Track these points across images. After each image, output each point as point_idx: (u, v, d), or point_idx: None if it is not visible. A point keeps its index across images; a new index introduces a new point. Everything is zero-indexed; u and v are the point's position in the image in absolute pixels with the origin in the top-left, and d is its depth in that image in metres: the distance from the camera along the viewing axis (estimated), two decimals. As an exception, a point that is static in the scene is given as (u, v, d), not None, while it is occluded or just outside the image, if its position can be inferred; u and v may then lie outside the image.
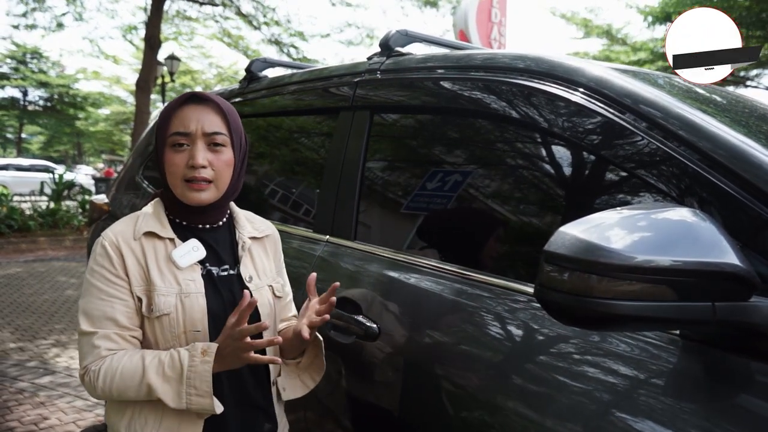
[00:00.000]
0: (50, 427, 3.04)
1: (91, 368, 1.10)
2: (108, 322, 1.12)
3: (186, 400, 1.07)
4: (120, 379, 1.08)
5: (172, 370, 1.08)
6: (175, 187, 1.18)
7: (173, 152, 1.17)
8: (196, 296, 1.15)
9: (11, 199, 10.52)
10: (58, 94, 32.68)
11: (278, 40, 14.54)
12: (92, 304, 1.13)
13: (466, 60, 1.50)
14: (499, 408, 1.07)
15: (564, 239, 0.78)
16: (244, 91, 2.41)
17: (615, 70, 1.28)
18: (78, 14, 13.62)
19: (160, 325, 1.14)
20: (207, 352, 1.08)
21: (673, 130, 1.05)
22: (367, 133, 1.68)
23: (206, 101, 1.20)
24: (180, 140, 1.16)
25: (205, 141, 1.17)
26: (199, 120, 1.17)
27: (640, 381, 0.93)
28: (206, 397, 1.07)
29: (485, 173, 1.40)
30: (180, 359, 1.08)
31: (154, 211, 1.22)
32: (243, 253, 1.26)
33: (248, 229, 1.31)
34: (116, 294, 1.13)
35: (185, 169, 1.16)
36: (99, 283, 1.13)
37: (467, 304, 1.23)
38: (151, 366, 1.08)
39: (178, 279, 1.15)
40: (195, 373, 1.07)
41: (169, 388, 1.07)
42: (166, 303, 1.13)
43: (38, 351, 4.28)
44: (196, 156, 1.15)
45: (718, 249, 0.77)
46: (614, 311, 0.75)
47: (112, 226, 1.19)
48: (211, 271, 1.21)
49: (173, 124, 1.17)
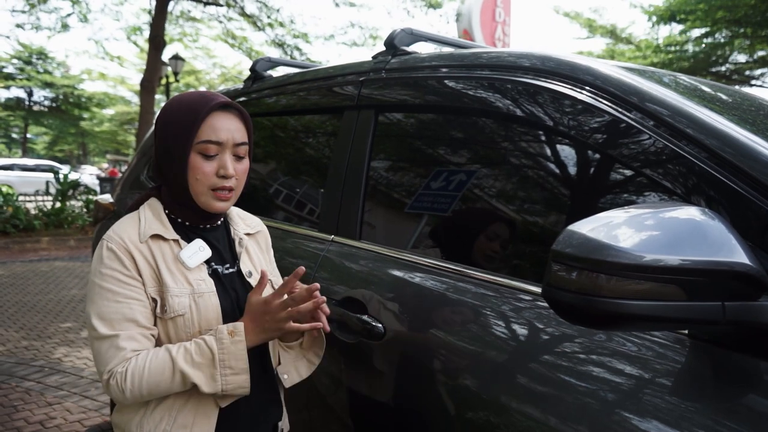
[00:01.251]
0: (56, 427, 3.04)
1: (117, 371, 1.08)
2: (129, 324, 1.11)
3: (222, 381, 1.08)
4: (149, 375, 1.07)
5: (202, 357, 1.08)
6: (200, 195, 1.17)
7: (202, 160, 1.15)
8: (209, 296, 1.17)
9: (16, 199, 10.56)
10: (63, 95, 32.81)
11: (282, 42, 14.54)
12: (108, 308, 1.11)
13: (472, 59, 1.49)
14: (505, 408, 1.07)
15: (572, 238, 0.78)
16: (249, 90, 2.41)
17: (621, 68, 1.28)
18: (83, 15, 13.64)
19: (174, 326, 1.14)
20: (235, 332, 1.09)
21: (681, 128, 1.04)
22: (372, 132, 1.68)
23: (233, 109, 1.20)
24: (211, 150, 1.16)
25: (233, 151, 1.18)
26: (230, 130, 1.17)
27: (647, 380, 0.92)
28: (243, 374, 1.09)
29: (491, 173, 1.40)
30: (208, 345, 1.09)
31: (154, 212, 1.22)
32: (241, 249, 1.29)
33: (242, 225, 1.33)
34: (133, 295, 1.12)
35: (214, 179, 1.16)
36: (112, 285, 1.12)
37: (472, 303, 1.23)
38: (179, 356, 1.08)
39: (189, 279, 1.16)
40: (228, 354, 1.08)
41: (201, 375, 1.08)
42: (180, 304, 1.13)
43: (44, 350, 4.30)
44: (227, 167, 1.16)
45: (727, 248, 0.77)
46: (623, 311, 0.74)
47: (115, 229, 1.18)
48: (216, 270, 1.22)
49: (203, 131, 1.15)
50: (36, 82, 31.18)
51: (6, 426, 3.01)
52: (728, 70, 16.60)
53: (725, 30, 14.16)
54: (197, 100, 1.17)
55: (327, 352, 1.53)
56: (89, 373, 3.86)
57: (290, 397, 1.74)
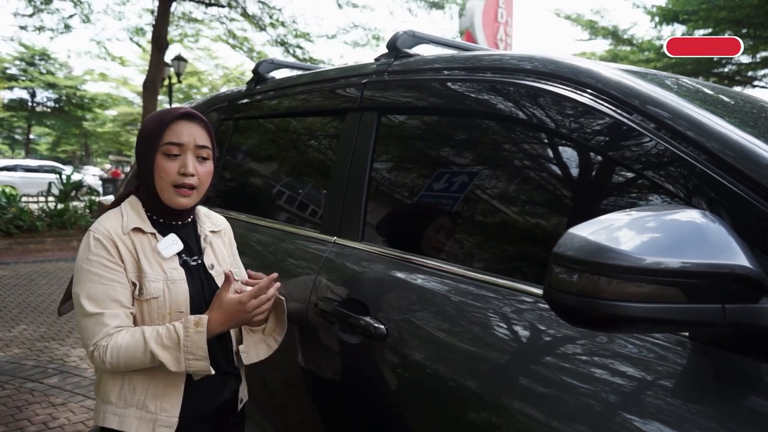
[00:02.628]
0: (60, 427, 3.06)
1: (101, 344, 1.25)
2: (112, 303, 1.28)
3: (185, 364, 1.26)
4: (125, 352, 1.25)
5: (170, 341, 1.26)
6: (163, 190, 1.35)
7: (165, 160, 1.34)
8: (180, 282, 1.35)
9: (20, 200, 10.59)
10: (65, 96, 32.90)
11: (284, 41, 14.55)
12: (95, 289, 1.28)
13: (474, 61, 1.50)
14: (507, 409, 1.07)
15: (573, 241, 0.78)
16: (252, 92, 2.42)
17: (622, 70, 1.28)
18: (85, 16, 13.66)
19: (149, 307, 1.32)
20: (199, 323, 1.27)
21: (681, 130, 1.04)
22: (375, 134, 1.68)
23: (196, 118, 1.39)
24: (173, 150, 1.34)
25: (195, 153, 1.36)
26: (191, 134, 1.36)
27: (648, 382, 0.93)
28: (203, 360, 1.26)
29: (492, 175, 1.40)
30: (176, 331, 1.26)
31: (134, 208, 1.39)
32: (205, 244, 1.47)
33: (208, 224, 1.52)
34: (116, 278, 1.30)
35: (176, 176, 1.34)
36: (98, 270, 1.29)
37: (475, 305, 1.23)
38: (151, 338, 1.26)
39: (164, 268, 1.35)
40: (191, 341, 1.25)
41: (168, 355, 1.25)
42: (155, 288, 1.32)
43: (48, 351, 4.31)
44: (187, 165, 1.34)
45: (728, 251, 0.77)
46: (623, 313, 0.74)
47: (101, 221, 1.35)
48: (186, 261, 1.41)
49: (166, 136, 1.34)
50: (39, 83, 31.27)
51: (10, 426, 3.03)
52: (731, 71, 16.58)
53: (728, 31, 14.13)
54: (164, 112, 1.39)
55: (330, 353, 1.54)
56: (93, 373, 3.87)
57: (291, 396, 1.75)
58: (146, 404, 1.32)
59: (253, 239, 1.99)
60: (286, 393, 1.78)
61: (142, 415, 1.32)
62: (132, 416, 1.32)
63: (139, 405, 1.32)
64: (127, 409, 1.32)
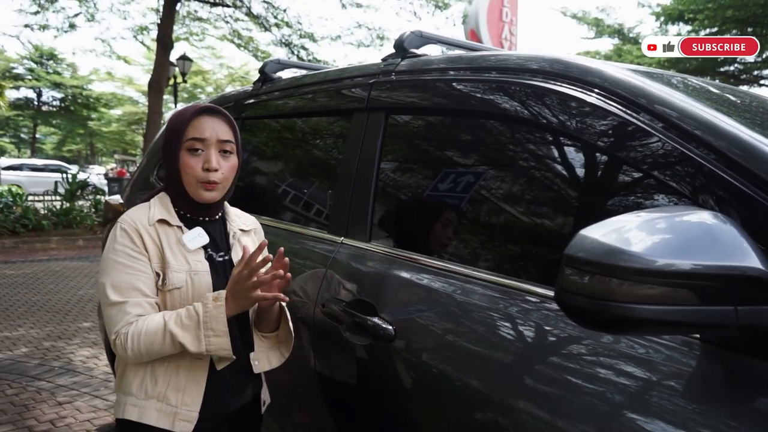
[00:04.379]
0: (67, 426, 3.07)
1: (122, 332, 1.26)
2: (135, 292, 1.29)
3: (205, 342, 1.24)
4: (145, 335, 1.25)
5: (189, 320, 1.25)
6: (189, 185, 1.36)
7: (190, 156, 1.35)
8: (203, 274, 1.36)
9: (26, 199, 10.63)
10: (71, 95, 33.01)
11: (288, 42, 14.56)
12: (119, 278, 1.28)
13: (481, 61, 1.50)
14: (514, 409, 1.07)
15: (584, 242, 0.78)
16: (259, 92, 2.42)
17: (630, 70, 1.28)
18: (90, 15, 13.71)
19: (171, 297, 1.32)
20: (218, 298, 1.26)
21: (690, 129, 1.04)
22: (382, 134, 1.68)
23: (218, 113, 1.39)
24: (196, 145, 1.34)
25: (218, 147, 1.36)
26: (214, 129, 1.36)
27: (657, 384, 0.92)
28: (223, 336, 1.25)
29: (500, 175, 1.40)
30: (195, 309, 1.26)
31: (162, 203, 1.40)
32: (234, 242, 1.47)
33: (237, 222, 1.52)
34: (140, 268, 1.30)
35: (200, 172, 1.34)
36: (123, 259, 1.30)
37: (482, 305, 1.23)
38: (171, 319, 1.26)
39: (188, 259, 1.35)
40: (210, 316, 1.24)
41: (188, 335, 1.24)
42: (178, 278, 1.32)
43: (55, 350, 4.33)
44: (211, 160, 1.34)
45: (740, 252, 0.77)
46: (635, 315, 0.74)
47: (128, 213, 1.37)
48: (212, 256, 1.41)
49: (189, 131, 1.34)
50: (45, 83, 31.40)
51: (17, 425, 3.04)
52: (737, 70, 16.50)
53: (734, 30, 14.06)
54: (187, 108, 1.40)
55: (338, 354, 1.54)
56: (100, 372, 3.89)
57: (299, 397, 1.76)
58: (167, 396, 1.32)
59: (260, 239, 1.99)
60: (294, 394, 1.78)
61: (163, 407, 1.32)
62: (152, 408, 1.31)
63: (160, 397, 1.32)
64: (147, 401, 1.32)
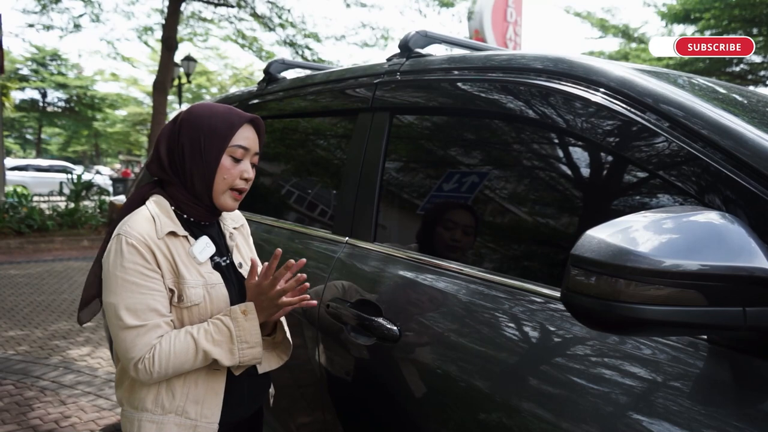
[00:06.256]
0: (71, 426, 3.08)
1: (146, 357, 1.21)
2: (153, 313, 1.22)
3: (239, 354, 1.25)
4: (175, 357, 1.22)
5: (220, 335, 1.24)
6: (218, 191, 1.32)
7: (231, 162, 1.32)
8: (219, 286, 1.32)
9: (31, 200, 10.67)
10: (76, 96, 33.12)
11: (293, 42, 14.57)
12: (133, 299, 1.21)
13: (486, 61, 1.49)
14: (519, 410, 1.07)
15: (591, 243, 0.78)
16: (263, 92, 2.42)
17: (636, 69, 1.27)
18: (95, 15, 13.74)
19: (189, 314, 1.28)
20: (247, 311, 1.27)
21: (696, 129, 1.03)
22: (387, 134, 1.68)
23: (259, 125, 1.39)
24: (239, 153, 1.32)
25: (251, 159, 1.36)
26: (255, 140, 1.36)
27: (664, 385, 0.92)
28: (257, 347, 1.27)
29: (505, 175, 1.39)
30: (225, 324, 1.25)
31: (162, 209, 1.31)
32: (232, 243, 1.45)
33: (229, 221, 1.49)
34: (154, 287, 1.23)
35: (237, 180, 1.32)
36: (135, 278, 1.21)
37: (487, 306, 1.22)
38: (201, 337, 1.24)
39: (201, 272, 1.30)
40: (244, 330, 1.25)
41: (221, 351, 1.24)
42: (195, 294, 1.27)
43: (59, 350, 4.34)
44: (249, 170, 1.35)
45: (747, 253, 0.76)
46: (642, 316, 0.74)
47: (131, 225, 1.25)
48: (219, 263, 1.37)
49: (236, 138, 1.31)
50: (50, 84, 31.50)
51: (21, 425, 3.05)
52: (743, 70, 16.43)
53: (740, 30, 14.01)
54: (232, 112, 1.35)
55: (343, 354, 1.54)
56: (104, 372, 3.89)
57: (302, 397, 1.75)
58: (186, 410, 1.29)
59: (265, 240, 1.99)
60: (298, 393, 1.78)
61: (182, 421, 1.28)
62: (171, 423, 1.28)
63: (178, 411, 1.28)
64: (165, 416, 1.28)
